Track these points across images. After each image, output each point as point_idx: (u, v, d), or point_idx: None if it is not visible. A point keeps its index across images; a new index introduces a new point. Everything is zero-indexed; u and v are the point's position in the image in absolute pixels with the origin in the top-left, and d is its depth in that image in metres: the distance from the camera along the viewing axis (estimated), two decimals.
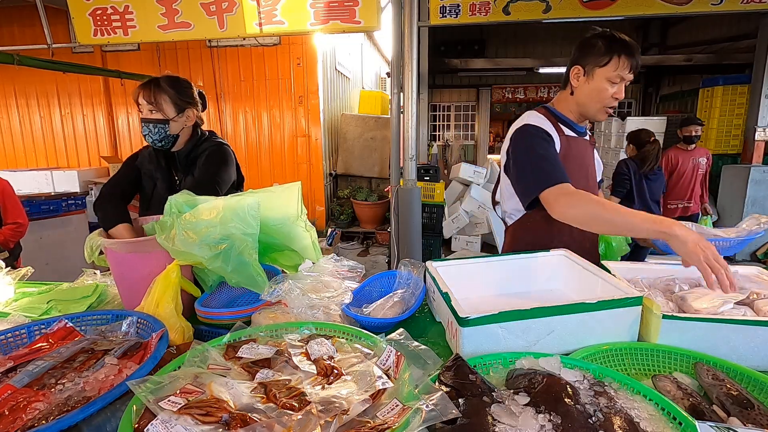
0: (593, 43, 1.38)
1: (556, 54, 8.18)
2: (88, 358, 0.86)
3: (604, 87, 1.37)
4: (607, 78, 1.36)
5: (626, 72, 1.35)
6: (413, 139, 3.33)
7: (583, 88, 1.42)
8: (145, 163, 1.65)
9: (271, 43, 5.95)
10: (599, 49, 1.36)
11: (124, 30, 3.83)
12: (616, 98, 1.39)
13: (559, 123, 1.46)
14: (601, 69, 1.36)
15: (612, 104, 1.40)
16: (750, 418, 0.72)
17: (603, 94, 1.38)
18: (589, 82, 1.40)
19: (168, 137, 1.59)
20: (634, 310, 0.96)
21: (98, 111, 6.46)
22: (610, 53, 1.34)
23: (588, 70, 1.39)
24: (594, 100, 1.41)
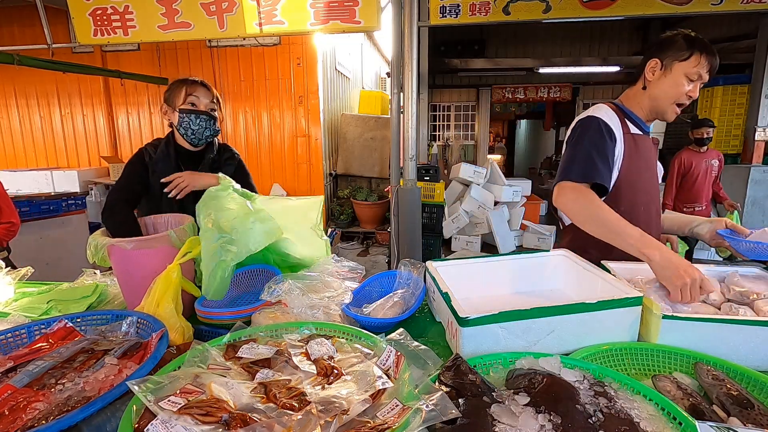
0: (674, 39, 1.36)
1: (556, 54, 8.18)
2: (88, 358, 0.86)
3: (681, 82, 1.34)
4: (685, 73, 1.33)
5: (705, 71, 1.32)
6: (413, 139, 3.33)
7: (659, 83, 1.38)
8: (160, 162, 1.64)
9: (271, 43, 5.95)
10: (680, 44, 1.34)
11: (124, 30, 3.83)
12: (690, 96, 1.35)
13: (626, 120, 1.43)
14: (680, 63, 1.33)
15: (685, 102, 1.37)
16: (750, 418, 0.72)
17: (679, 90, 1.34)
18: (666, 76, 1.36)
19: (215, 134, 1.70)
20: (634, 310, 0.96)
21: (98, 111, 6.45)
22: (691, 49, 1.32)
23: (666, 64, 1.36)
24: (668, 96, 1.37)
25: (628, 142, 1.40)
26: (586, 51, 8.20)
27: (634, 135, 1.43)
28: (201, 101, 1.62)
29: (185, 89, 1.61)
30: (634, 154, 1.40)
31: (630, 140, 1.40)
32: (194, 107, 1.62)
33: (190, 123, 1.60)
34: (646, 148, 1.47)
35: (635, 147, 1.41)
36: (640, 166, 1.42)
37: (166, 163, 1.65)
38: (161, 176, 1.62)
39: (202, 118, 1.61)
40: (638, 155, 1.42)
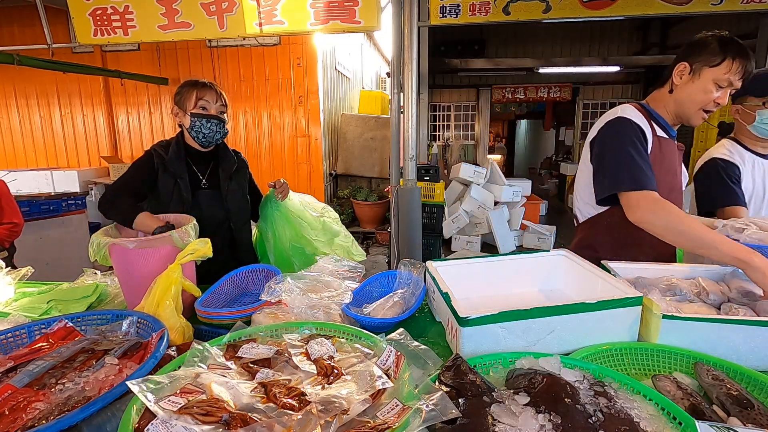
0: (707, 42, 1.30)
1: (555, 54, 8.18)
2: (89, 358, 0.86)
3: (710, 89, 1.29)
4: (714, 79, 1.28)
5: (737, 78, 1.27)
6: (413, 139, 3.33)
7: (686, 87, 1.34)
8: (173, 162, 1.65)
9: (271, 43, 5.95)
10: (713, 48, 1.28)
11: (124, 30, 3.83)
12: (718, 103, 1.31)
13: (652, 121, 1.39)
14: (710, 69, 1.29)
15: (712, 109, 1.33)
16: (750, 418, 0.72)
17: (706, 96, 1.30)
18: (694, 81, 1.32)
19: (225, 136, 1.73)
20: (634, 310, 0.96)
21: (98, 111, 6.45)
22: (723, 54, 1.26)
23: (695, 69, 1.31)
24: (694, 102, 1.33)
25: (655, 144, 1.36)
26: (586, 51, 8.20)
27: (660, 138, 1.39)
28: (211, 105, 1.65)
29: (196, 93, 1.63)
30: (659, 157, 1.37)
31: (656, 143, 1.37)
32: (205, 111, 1.64)
33: (201, 127, 1.63)
34: (671, 152, 1.43)
35: (660, 150, 1.38)
36: (665, 170, 1.39)
37: (178, 163, 1.66)
38: (175, 175, 1.64)
39: (213, 122, 1.64)
40: (663, 159, 1.38)
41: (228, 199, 1.73)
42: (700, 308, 1.07)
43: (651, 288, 1.13)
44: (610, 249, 1.29)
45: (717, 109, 1.33)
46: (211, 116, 1.64)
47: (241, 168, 1.83)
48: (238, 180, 1.80)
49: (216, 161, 1.76)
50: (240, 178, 1.81)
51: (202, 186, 1.71)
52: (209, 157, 1.75)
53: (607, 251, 1.29)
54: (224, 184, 1.73)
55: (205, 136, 1.65)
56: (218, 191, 1.72)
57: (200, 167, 1.72)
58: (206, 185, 1.71)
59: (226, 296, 1.37)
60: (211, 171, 1.74)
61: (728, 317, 0.95)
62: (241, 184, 1.81)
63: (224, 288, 1.38)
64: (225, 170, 1.75)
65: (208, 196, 1.70)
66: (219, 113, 1.67)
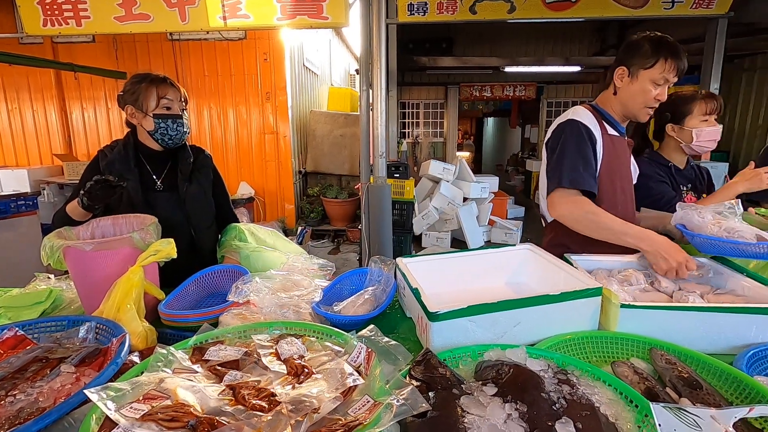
0: (639, 44, 1.39)
1: (520, 53, 8.38)
2: (42, 367, 0.82)
3: (648, 89, 1.38)
4: (651, 80, 1.37)
5: (671, 74, 1.36)
6: (383, 137, 3.33)
7: (627, 89, 1.43)
8: (115, 164, 1.53)
9: (236, 38, 5.80)
10: (645, 51, 1.36)
11: (76, 20, 3.63)
12: (658, 100, 1.40)
13: (603, 121, 1.48)
14: (645, 71, 1.37)
15: (654, 105, 1.42)
16: (699, 398, 0.77)
17: (646, 96, 1.40)
18: (633, 83, 1.41)
19: (187, 134, 1.61)
20: (595, 300, 1.00)
21: (50, 106, 6.09)
22: (656, 55, 1.35)
23: (632, 72, 1.40)
24: (637, 102, 1.42)
25: (607, 143, 1.45)
26: (549, 51, 8.45)
27: (612, 137, 1.47)
28: (174, 103, 1.54)
29: (157, 91, 1.51)
30: (612, 155, 1.45)
31: (608, 141, 1.45)
32: (169, 111, 1.53)
33: (167, 128, 1.53)
34: (622, 149, 1.53)
35: (613, 148, 1.46)
36: (617, 167, 1.48)
37: (123, 164, 1.53)
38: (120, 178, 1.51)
39: (178, 122, 1.54)
40: (615, 156, 1.47)
41: (187, 202, 1.61)
42: (654, 297, 1.13)
43: (610, 279, 1.18)
44: (580, 246, 1.36)
45: (658, 103, 1.44)
46: (177, 116, 1.54)
47: (203, 167, 1.70)
48: (199, 180, 1.66)
49: (174, 161, 1.64)
50: (201, 178, 1.67)
51: (156, 188, 1.58)
52: (165, 156, 1.62)
53: (578, 248, 1.35)
54: (182, 185, 1.61)
55: (172, 138, 1.54)
56: (176, 193, 1.60)
57: (155, 168, 1.60)
58: (161, 187, 1.59)
59: (192, 298, 1.33)
60: (168, 172, 1.62)
61: (679, 305, 1.01)
62: (202, 185, 1.67)
63: (190, 290, 1.34)
64: (182, 171, 1.62)
65: (164, 199, 1.58)
66: (182, 111, 1.57)
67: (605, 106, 1.52)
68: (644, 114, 1.45)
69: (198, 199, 1.65)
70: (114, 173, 1.50)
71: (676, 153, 1.75)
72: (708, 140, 1.66)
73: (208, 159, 1.75)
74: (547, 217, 1.62)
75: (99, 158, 1.56)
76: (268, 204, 6.28)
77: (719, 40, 4.70)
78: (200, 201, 1.66)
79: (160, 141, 1.56)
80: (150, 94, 1.51)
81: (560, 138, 1.43)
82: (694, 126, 1.65)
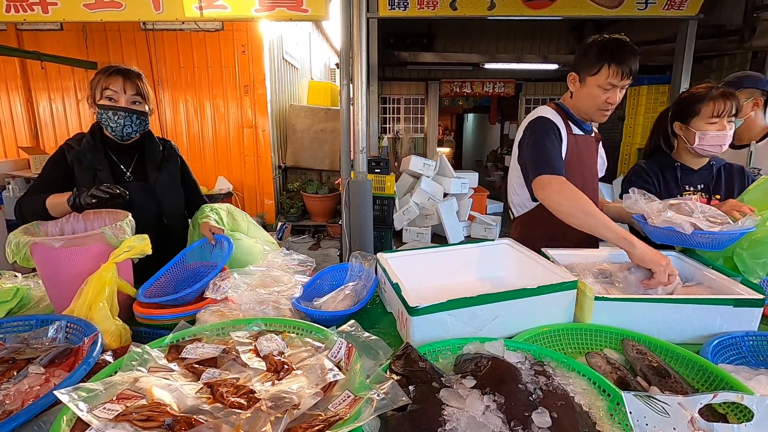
0: (587, 50, 1.42)
1: (500, 50, 8.47)
2: (9, 368, 0.79)
3: (596, 93, 1.42)
4: (598, 85, 1.41)
5: (617, 79, 1.38)
6: (363, 132, 3.32)
7: (579, 94, 1.48)
8: (87, 153, 1.50)
9: (213, 29, 5.65)
10: (591, 57, 1.40)
11: (43, 7, 3.47)
12: (609, 103, 1.43)
13: (568, 120, 1.53)
14: (591, 77, 1.41)
15: (606, 108, 1.45)
16: (667, 386, 0.80)
17: (596, 100, 1.44)
18: (583, 88, 1.46)
19: (140, 130, 1.56)
20: (570, 294, 1.03)
21: (14, 97, 5.82)
22: (600, 62, 1.38)
23: (582, 77, 1.45)
24: (588, 105, 1.47)
25: (571, 141, 1.50)
26: (528, 49, 8.57)
27: (576, 136, 1.54)
28: (120, 95, 1.48)
29: (102, 82, 1.48)
30: (575, 153, 1.51)
31: (572, 140, 1.51)
32: (112, 102, 1.48)
33: (108, 120, 1.48)
34: (587, 146, 1.58)
35: (576, 146, 1.52)
36: (581, 163, 1.53)
37: (94, 153, 1.51)
38: (91, 167, 1.50)
39: (120, 115, 1.48)
40: (580, 154, 1.53)
41: (158, 191, 1.61)
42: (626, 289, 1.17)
43: (585, 273, 1.21)
44: (545, 242, 1.39)
45: (610, 109, 1.46)
46: (118, 108, 1.48)
47: (171, 157, 1.70)
48: (169, 169, 1.67)
49: (141, 152, 1.62)
50: (171, 167, 1.68)
51: (125, 179, 1.57)
52: (132, 148, 1.60)
53: (546, 243, 1.38)
54: (152, 175, 1.61)
55: (113, 129, 1.50)
56: (146, 183, 1.60)
57: (123, 159, 1.59)
58: (131, 178, 1.58)
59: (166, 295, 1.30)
60: (136, 163, 1.61)
61: (650, 296, 1.04)
62: (172, 174, 1.68)
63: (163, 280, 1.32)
64: (151, 161, 1.62)
65: (136, 188, 1.55)
66: (131, 104, 1.51)
67: (568, 105, 1.57)
68: (599, 115, 1.49)
69: (169, 188, 1.65)
70: (85, 163, 1.50)
71: (686, 153, 1.61)
72: (711, 145, 1.49)
73: (174, 149, 1.76)
74: (514, 212, 1.68)
75: (65, 150, 1.52)
76: (247, 199, 6.18)
77: (689, 41, 4.86)
78: (171, 189, 1.67)
79: (106, 130, 1.53)
80: (98, 85, 1.49)
81: (535, 131, 1.47)
82: (698, 128, 1.51)
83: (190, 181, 1.79)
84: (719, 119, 1.47)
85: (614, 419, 0.68)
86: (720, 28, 5.77)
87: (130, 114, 1.49)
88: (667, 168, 1.62)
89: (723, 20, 5.76)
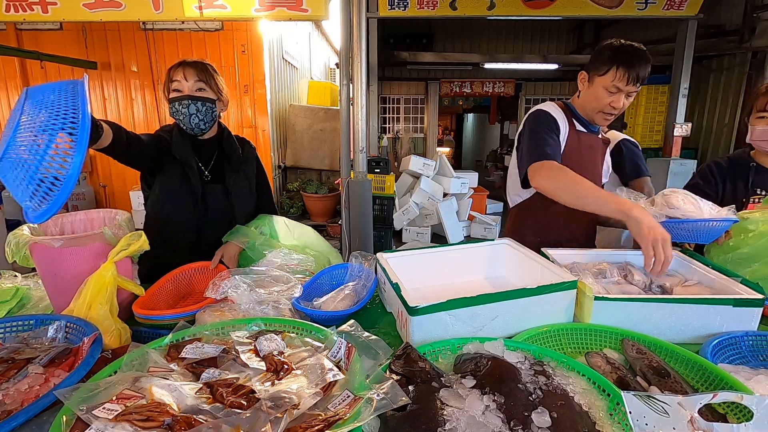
0: (601, 50, 1.43)
1: (500, 50, 8.47)
2: (8, 368, 0.79)
3: (601, 95, 1.42)
4: (603, 86, 1.41)
5: (623, 83, 1.37)
6: (363, 132, 3.32)
7: (586, 93, 1.49)
8: (180, 148, 1.48)
9: (213, 28, 5.65)
10: (602, 58, 1.40)
11: (42, 7, 3.47)
12: (613, 107, 1.42)
13: (573, 118, 1.54)
14: (599, 78, 1.42)
15: (609, 111, 1.45)
16: (667, 386, 0.80)
17: (600, 102, 1.44)
18: (590, 88, 1.46)
19: (214, 120, 1.51)
20: (570, 293, 1.03)
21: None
22: (610, 63, 1.38)
23: (590, 77, 1.46)
24: (592, 106, 1.48)
25: (572, 137, 1.51)
26: (527, 49, 8.58)
27: (579, 132, 1.54)
28: (184, 84, 1.44)
29: (170, 75, 1.45)
30: (576, 149, 1.51)
31: (574, 136, 1.51)
32: (179, 93, 1.45)
33: (176, 112, 1.45)
34: (590, 146, 1.57)
35: (577, 142, 1.53)
36: (581, 160, 1.52)
37: (185, 149, 1.50)
38: (183, 163, 1.49)
39: (183, 103, 1.43)
40: (580, 150, 1.53)
41: (233, 195, 1.57)
42: (627, 289, 1.17)
43: (584, 272, 1.21)
44: (536, 232, 1.40)
45: (618, 111, 1.45)
46: (183, 97, 1.43)
47: (249, 159, 1.66)
48: (246, 173, 1.63)
49: (221, 151, 1.59)
50: (248, 171, 1.65)
51: (204, 178, 1.54)
52: (212, 146, 1.57)
53: (534, 233, 1.40)
54: (229, 178, 1.57)
55: (182, 122, 1.46)
56: (222, 185, 1.56)
57: (203, 157, 1.55)
58: (209, 177, 1.55)
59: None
60: (215, 162, 1.57)
61: (650, 296, 1.04)
62: (249, 178, 1.65)
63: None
64: (231, 163, 1.58)
65: (213, 191, 1.54)
66: (196, 90, 1.45)
67: (576, 105, 1.58)
68: (600, 118, 1.49)
69: (243, 192, 1.62)
70: (177, 158, 1.48)
71: (760, 152, 1.55)
72: (760, 140, 1.48)
73: (253, 150, 1.72)
74: (510, 203, 1.70)
75: (160, 139, 1.50)
76: None
77: (689, 41, 4.86)
78: (245, 194, 1.63)
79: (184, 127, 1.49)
80: (167, 81, 1.47)
81: (531, 123, 1.49)
82: (753, 123, 1.50)
83: (264, 183, 1.75)
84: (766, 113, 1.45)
85: (614, 419, 0.68)
86: (720, 28, 5.78)
87: (194, 101, 1.44)
88: (741, 167, 1.56)
89: (723, 20, 5.76)
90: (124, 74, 5.76)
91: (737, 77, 5.89)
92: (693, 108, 6.48)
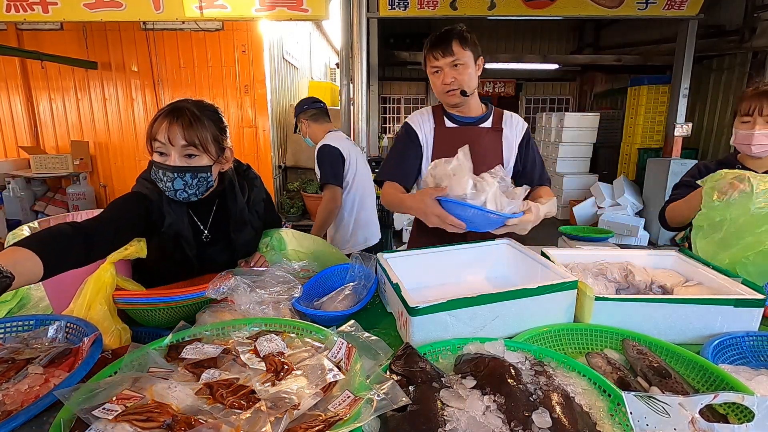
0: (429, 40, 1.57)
1: (500, 50, 8.47)
2: (8, 368, 0.79)
3: (434, 81, 1.58)
4: (430, 74, 1.58)
5: (437, 62, 1.51)
6: (364, 132, 3.32)
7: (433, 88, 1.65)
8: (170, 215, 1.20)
9: (213, 28, 5.65)
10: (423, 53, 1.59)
11: (43, 7, 3.48)
12: (444, 84, 1.53)
13: (443, 116, 1.65)
14: (427, 70, 1.60)
15: (445, 90, 1.54)
16: (668, 387, 0.80)
17: (437, 87, 1.58)
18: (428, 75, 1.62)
19: (210, 187, 1.22)
20: (570, 294, 1.03)
21: (14, 96, 5.81)
22: (424, 51, 1.57)
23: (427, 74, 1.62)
24: (436, 90, 1.61)
25: (439, 135, 1.63)
26: (528, 49, 8.57)
27: (447, 128, 1.63)
28: (170, 148, 1.12)
29: (151, 128, 1.14)
30: (444, 144, 1.61)
31: (441, 133, 1.63)
32: (163, 157, 1.14)
33: (159, 182, 1.16)
34: (466, 136, 1.55)
35: (449, 137, 1.61)
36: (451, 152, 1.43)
37: (175, 215, 1.22)
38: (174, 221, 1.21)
39: (168, 176, 1.13)
40: (449, 144, 1.52)
41: (237, 250, 1.34)
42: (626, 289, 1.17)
43: (585, 272, 1.21)
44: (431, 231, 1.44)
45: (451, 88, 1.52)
46: (168, 169, 1.12)
47: (256, 202, 1.40)
48: (253, 224, 1.38)
49: (223, 203, 1.31)
50: (255, 220, 1.40)
51: (203, 238, 1.29)
52: (211, 200, 1.30)
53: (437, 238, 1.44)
54: (235, 234, 1.32)
55: (169, 191, 1.16)
56: (225, 241, 1.32)
57: (199, 214, 1.29)
58: (209, 237, 1.30)
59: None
60: (214, 219, 1.31)
61: (651, 296, 1.04)
62: (256, 228, 1.41)
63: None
64: (235, 219, 1.31)
65: (214, 253, 1.30)
66: (184, 157, 1.14)
67: None
68: (446, 98, 1.58)
69: (250, 245, 1.39)
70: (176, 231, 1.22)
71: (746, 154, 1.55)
72: (742, 143, 1.49)
73: (261, 188, 1.46)
74: None
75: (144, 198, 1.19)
76: None
77: (689, 41, 4.86)
78: (252, 244, 1.41)
79: None
80: (149, 133, 1.15)
81: (394, 140, 1.71)
82: (736, 126, 1.49)
83: (271, 214, 1.52)
84: (751, 117, 1.46)
85: (615, 419, 0.68)
86: (720, 28, 5.77)
87: (181, 174, 1.13)
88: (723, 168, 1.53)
89: (723, 20, 5.76)
90: (125, 74, 5.76)
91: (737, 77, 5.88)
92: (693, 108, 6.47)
